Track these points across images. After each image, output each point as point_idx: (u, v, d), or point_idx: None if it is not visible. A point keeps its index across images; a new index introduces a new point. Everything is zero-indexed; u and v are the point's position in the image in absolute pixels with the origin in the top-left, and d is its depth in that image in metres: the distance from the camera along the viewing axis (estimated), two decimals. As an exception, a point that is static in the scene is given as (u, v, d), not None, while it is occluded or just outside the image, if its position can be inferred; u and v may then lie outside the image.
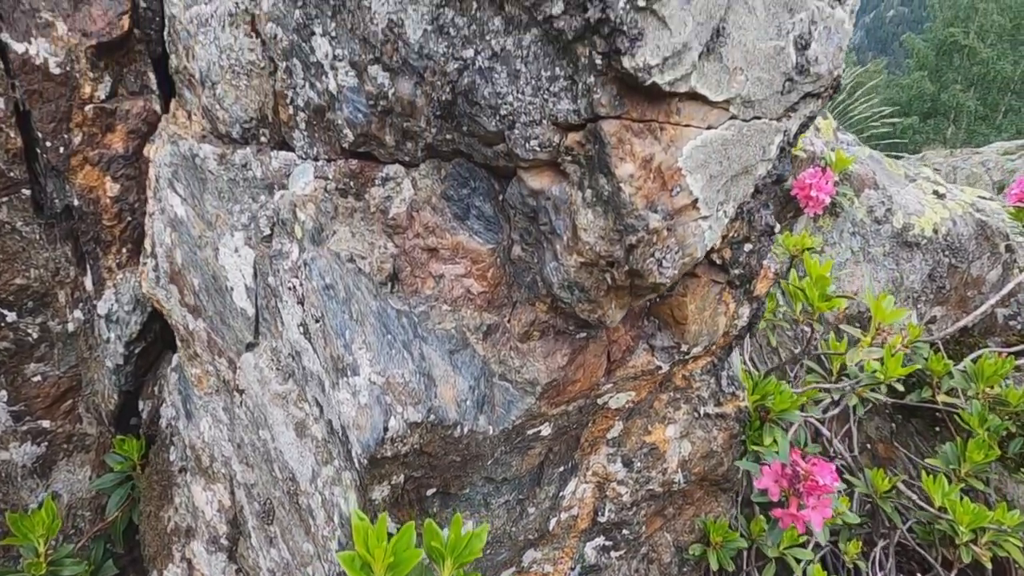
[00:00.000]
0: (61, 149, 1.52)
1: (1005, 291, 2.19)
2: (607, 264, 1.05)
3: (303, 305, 1.11)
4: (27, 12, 1.43)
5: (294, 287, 1.13)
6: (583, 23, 0.89)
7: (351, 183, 1.18)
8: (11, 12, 1.40)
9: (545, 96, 0.99)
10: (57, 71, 1.46)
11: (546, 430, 1.30)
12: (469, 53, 1.00)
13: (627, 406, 1.44)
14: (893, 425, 2.23)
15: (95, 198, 1.60)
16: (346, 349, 1.02)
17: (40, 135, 1.50)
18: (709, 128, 1.02)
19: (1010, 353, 2.33)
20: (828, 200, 1.98)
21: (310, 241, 1.14)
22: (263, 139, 1.25)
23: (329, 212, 1.17)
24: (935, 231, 2.20)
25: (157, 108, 1.64)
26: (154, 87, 1.67)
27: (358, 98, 1.11)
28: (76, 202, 1.59)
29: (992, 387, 2.02)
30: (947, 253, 2.23)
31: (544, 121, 1.01)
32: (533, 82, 0.99)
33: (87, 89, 1.52)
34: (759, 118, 1.07)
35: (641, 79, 0.92)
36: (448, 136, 1.09)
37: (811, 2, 1.04)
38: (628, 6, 0.87)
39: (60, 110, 1.49)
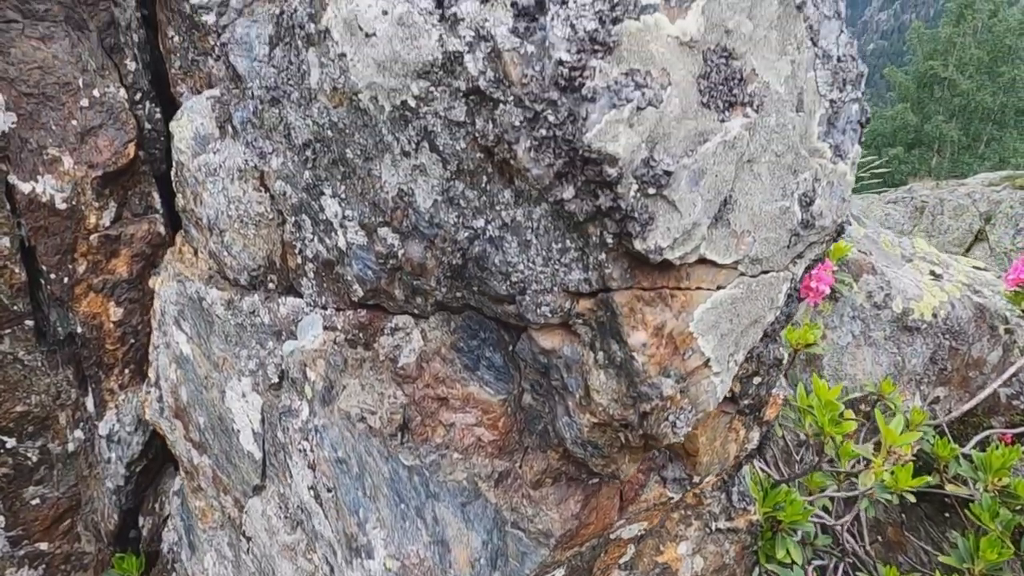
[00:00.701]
0: (65, 280, 1.52)
1: (1008, 374, 2.20)
2: (621, 426, 1.05)
3: (314, 471, 1.10)
4: (34, 151, 1.44)
5: (304, 450, 1.11)
6: (594, 208, 0.90)
7: (360, 334, 1.18)
8: (18, 153, 1.41)
9: (556, 266, 1.00)
10: (63, 206, 1.46)
11: (559, 573, 1.27)
12: (479, 223, 1.01)
13: (639, 534, 1.42)
14: (902, 512, 2.21)
15: (98, 324, 1.59)
16: (360, 528, 1.01)
17: (44, 268, 1.49)
18: (719, 288, 1.03)
19: (1015, 435, 2.32)
20: (828, 290, 1.99)
21: (320, 403, 1.13)
22: (271, 285, 1.25)
23: (339, 365, 1.16)
24: (935, 315, 2.22)
25: (161, 230, 1.64)
26: (158, 207, 1.68)
27: (368, 256, 1.11)
28: (79, 329, 1.58)
29: (1000, 479, 2.01)
30: (947, 336, 2.25)
31: (555, 289, 1.01)
32: (544, 252, 1.00)
33: (92, 219, 1.53)
34: (767, 272, 1.08)
35: (652, 259, 0.92)
36: (458, 294, 1.10)
37: (813, 161, 1.06)
38: (639, 193, 0.88)
39: (65, 242, 1.49)
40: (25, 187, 1.41)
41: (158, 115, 1.69)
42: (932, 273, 2.40)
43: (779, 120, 0.99)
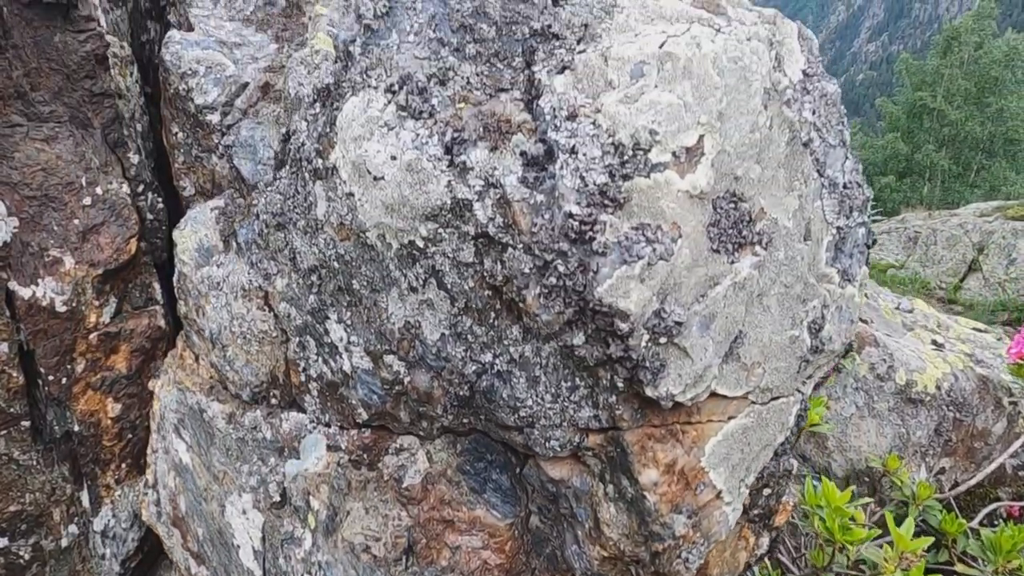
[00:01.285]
0: (63, 380, 1.50)
1: (1015, 447, 2.18)
2: (632, 561, 1.03)
3: (318, 608, 1.07)
4: (35, 254, 1.43)
5: (308, 585, 1.09)
6: (604, 355, 0.90)
7: (364, 454, 1.16)
8: (19, 257, 1.40)
9: (565, 403, 0.98)
10: (63, 309, 1.45)
11: None
12: (487, 357, 1.00)
13: (649, 645, 1.39)
14: (912, 589, 2.17)
15: (96, 421, 1.56)
16: None
17: (43, 370, 1.47)
18: (730, 419, 1.02)
19: (1023, 507, 2.30)
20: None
21: (324, 533, 1.10)
22: (273, 400, 1.23)
23: (342, 489, 1.14)
24: (938, 387, 2.21)
25: (161, 323, 1.63)
26: (159, 297, 1.66)
27: (373, 381, 1.10)
28: (76, 427, 1.55)
29: (1010, 561, 1.98)
30: (951, 408, 2.23)
31: (564, 424, 1.00)
32: (553, 389, 0.98)
33: (92, 318, 1.51)
34: (777, 398, 1.07)
35: (664, 404, 0.91)
36: (465, 420, 1.08)
37: (821, 287, 1.05)
38: (650, 343, 0.87)
39: (64, 344, 1.48)
40: (25, 292, 1.40)
41: (160, 205, 1.69)
42: (934, 342, 2.40)
43: (788, 253, 0.99)
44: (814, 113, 1.00)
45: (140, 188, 1.65)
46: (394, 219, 0.94)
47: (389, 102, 0.91)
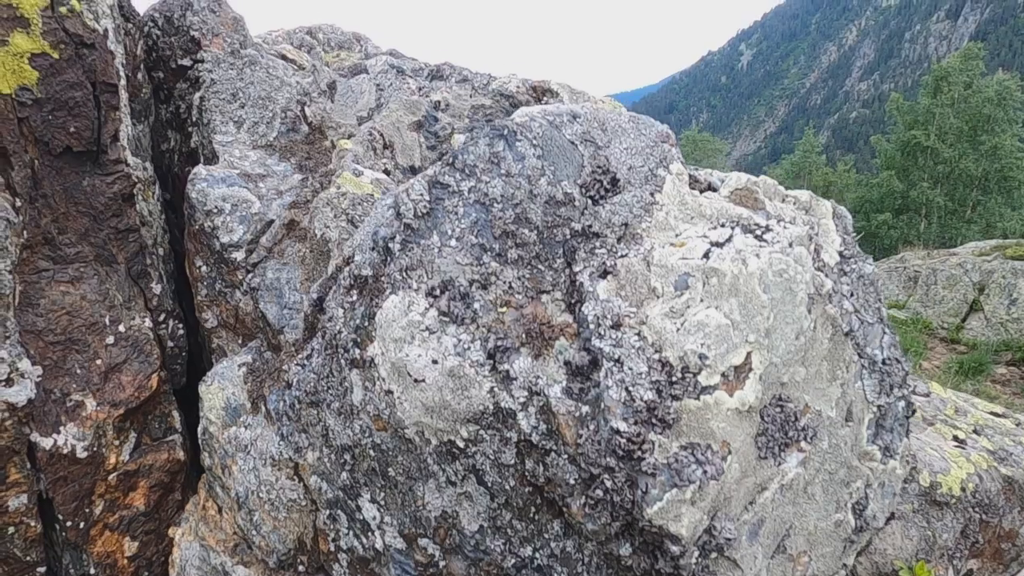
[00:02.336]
0: (81, 524, 1.47)
1: (1042, 553, 2.13)
2: None
3: None
4: (57, 400, 1.41)
5: None
6: (652, 569, 0.87)
7: (396, 632, 1.12)
8: (41, 407, 1.38)
9: (609, 602, 0.96)
10: (84, 454, 1.43)
11: None
12: (527, 551, 0.97)
13: None
14: None
15: (112, 562, 1.52)
16: None
17: (61, 516, 1.44)
18: (775, 609, 1.00)
19: (1056, 615, 2.24)
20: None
21: None
22: (301, 567, 1.21)
23: (374, 672, 1.10)
24: (963, 489, 2.18)
25: (180, 455, 1.60)
26: (178, 426, 1.64)
27: (406, 561, 1.07)
28: (92, 570, 1.51)
29: None
30: (977, 510, 2.19)
31: (608, 622, 0.97)
32: (596, 587, 0.96)
33: (112, 459, 1.49)
34: (822, 580, 1.05)
35: (714, 617, 0.89)
36: (502, 605, 1.05)
37: (864, 467, 1.04)
38: (700, 559, 0.85)
39: (83, 488, 1.45)
40: (47, 442, 1.38)
41: (180, 331, 1.68)
42: (955, 439, 2.37)
43: (831, 441, 0.97)
44: (852, 295, 1.00)
45: (162, 317, 1.64)
46: (434, 419, 0.92)
47: (431, 306, 0.91)
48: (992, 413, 2.77)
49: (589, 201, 0.93)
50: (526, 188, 0.90)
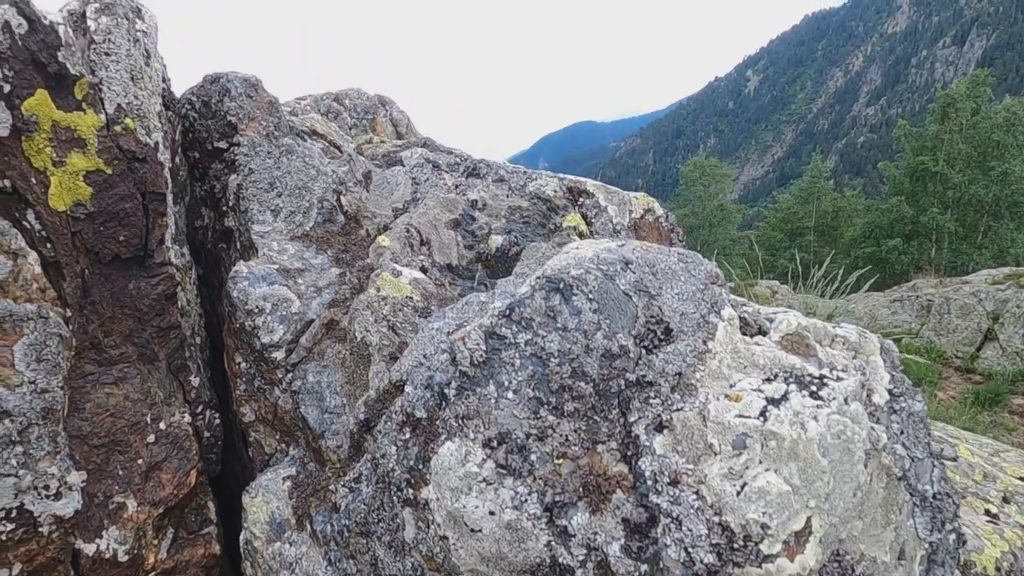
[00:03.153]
0: (119, 628, 1.47)
1: (1081, 637, 2.09)
2: None
3: None
4: (100, 504, 1.42)
5: None
6: None
7: None
8: (85, 512, 1.40)
9: None
10: (125, 558, 1.44)
11: None
12: None
13: None
14: None
15: (148, 662, 1.52)
16: None
17: (100, 621, 1.45)
18: None
19: None
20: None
21: None
22: None
23: None
24: (998, 568, 2.15)
25: (216, 549, 1.61)
26: (213, 516, 1.65)
27: None
28: (128, 672, 1.51)
29: None
30: (1012, 590, 2.16)
31: None
32: None
33: (151, 559, 1.49)
34: None
35: None
36: None
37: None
38: None
39: (122, 592, 1.46)
40: (89, 548, 1.39)
41: (216, 421, 1.70)
42: (988, 512, 2.35)
43: (885, 585, 0.97)
44: (903, 433, 1.00)
45: (199, 408, 1.66)
46: (490, 568, 0.93)
47: (488, 458, 0.92)
48: (1020, 478, 2.73)
49: (643, 351, 0.94)
50: (582, 343, 0.92)
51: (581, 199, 1.53)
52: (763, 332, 1.00)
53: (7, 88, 1.16)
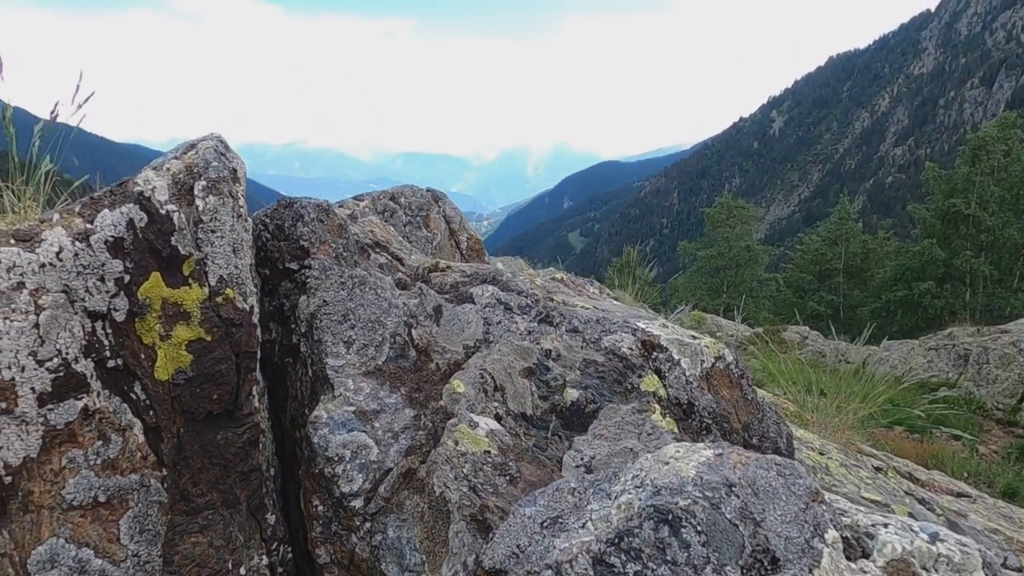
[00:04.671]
0: None
1: None
2: None
3: None
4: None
5: None
6: None
7: None
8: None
9: None
10: None
11: None
12: None
13: None
14: None
15: None
16: None
17: None
18: None
19: None
20: None
21: None
22: None
23: None
24: None
25: None
26: (284, 656, 1.66)
27: None
28: None
29: None
30: None
31: None
32: None
33: None
34: None
35: None
36: None
37: None
38: None
39: None
40: None
41: (289, 555, 1.73)
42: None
43: None
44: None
45: (275, 545, 1.69)
46: None
47: None
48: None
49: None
50: (692, 577, 0.93)
51: (655, 353, 1.56)
52: (866, 554, 1.01)
53: (127, 279, 1.23)
